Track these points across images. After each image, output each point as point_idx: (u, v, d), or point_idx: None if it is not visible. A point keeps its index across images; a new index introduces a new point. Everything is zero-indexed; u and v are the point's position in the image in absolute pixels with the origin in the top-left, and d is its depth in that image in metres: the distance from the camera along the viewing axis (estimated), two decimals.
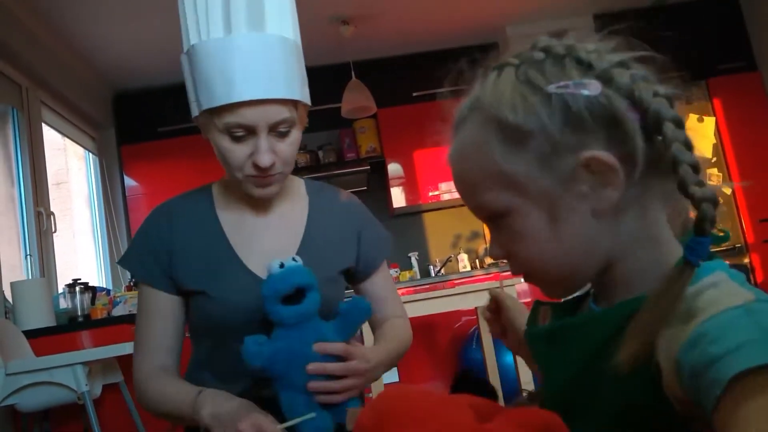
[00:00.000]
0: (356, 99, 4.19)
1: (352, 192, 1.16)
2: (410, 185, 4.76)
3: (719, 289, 0.49)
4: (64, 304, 3.04)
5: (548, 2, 4.45)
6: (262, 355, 0.96)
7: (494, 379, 2.76)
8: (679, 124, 0.50)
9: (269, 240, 1.15)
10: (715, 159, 4.46)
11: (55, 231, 3.58)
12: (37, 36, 3.56)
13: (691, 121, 4.49)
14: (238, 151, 1.03)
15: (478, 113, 0.58)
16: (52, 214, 3.58)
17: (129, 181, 4.66)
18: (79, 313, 2.95)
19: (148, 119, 4.67)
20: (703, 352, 0.44)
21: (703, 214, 0.47)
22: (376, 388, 2.28)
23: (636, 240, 0.56)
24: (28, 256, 3.31)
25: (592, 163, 0.52)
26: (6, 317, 2.64)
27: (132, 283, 3.56)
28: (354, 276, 1.26)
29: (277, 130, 1.03)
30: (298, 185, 1.24)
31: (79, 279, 3.03)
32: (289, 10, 1.07)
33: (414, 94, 4.77)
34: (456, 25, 4.58)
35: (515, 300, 0.89)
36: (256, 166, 1.03)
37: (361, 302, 1.07)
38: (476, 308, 3.08)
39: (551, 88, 0.53)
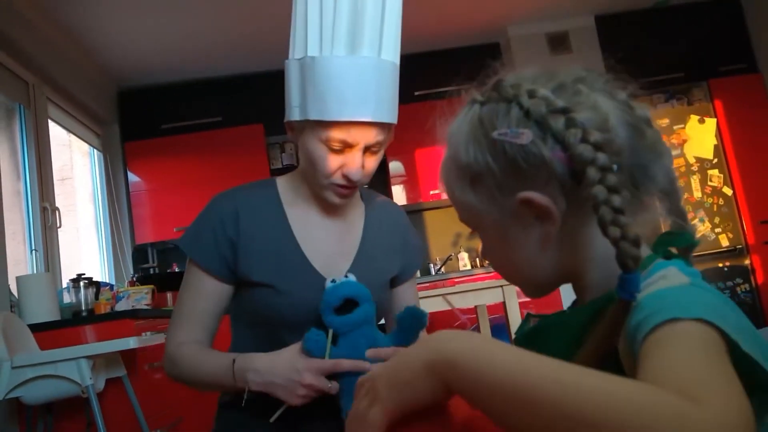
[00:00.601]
0: None
1: None
2: (411, 183, 4.79)
3: (665, 279, 0.54)
4: (68, 298, 3.07)
5: (550, 3, 4.46)
6: (320, 346, 1.03)
7: None
8: (603, 168, 0.53)
9: (332, 242, 1.20)
10: (716, 160, 4.47)
11: (60, 226, 3.62)
12: (44, 33, 3.59)
13: (692, 122, 4.50)
14: (331, 161, 1.08)
15: (449, 145, 0.65)
16: (57, 209, 3.62)
17: (132, 177, 4.69)
18: (83, 308, 2.99)
19: (152, 116, 4.70)
20: (633, 319, 0.50)
21: (622, 252, 0.51)
22: None
23: (589, 260, 0.62)
24: (34, 251, 3.35)
25: (527, 202, 0.59)
26: (11, 311, 2.67)
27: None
28: (391, 282, 1.29)
29: (371, 149, 1.10)
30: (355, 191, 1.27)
31: (84, 274, 3.06)
32: (399, 37, 1.11)
33: (416, 93, 4.79)
34: (458, 25, 4.59)
35: None
36: (345, 177, 1.10)
37: (416, 311, 1.10)
38: (476, 307, 3.11)
39: (495, 134, 0.59)
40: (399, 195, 4.78)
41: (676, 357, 0.43)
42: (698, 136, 4.50)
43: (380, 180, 4.89)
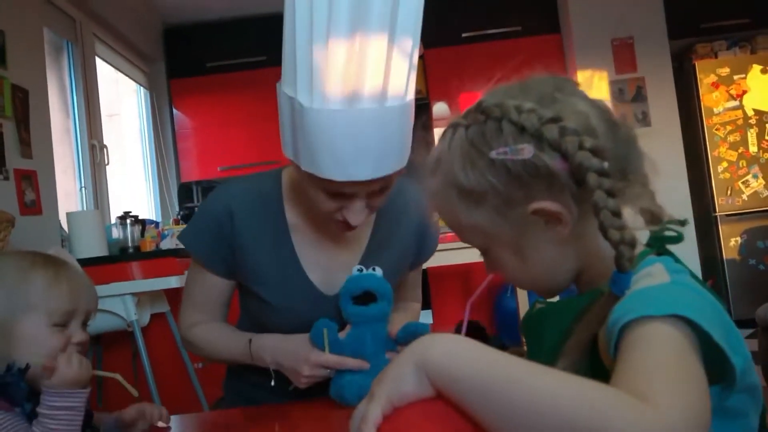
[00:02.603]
0: None
1: None
2: None
3: (650, 276, 0.57)
4: (115, 234, 3.18)
5: None
6: (327, 339, 1.05)
7: None
8: (602, 173, 0.56)
9: (333, 252, 1.14)
10: None
11: (108, 163, 3.72)
12: None
13: (754, 72, 4.26)
14: (330, 205, 0.98)
15: (440, 172, 0.66)
16: (106, 147, 3.71)
17: (178, 115, 4.76)
18: (130, 244, 3.09)
19: (197, 54, 4.71)
20: (614, 313, 0.53)
21: (620, 254, 0.55)
22: None
23: (593, 255, 0.65)
24: (83, 188, 3.46)
25: (540, 211, 0.61)
26: (62, 246, 2.79)
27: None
28: None
29: (375, 193, 0.98)
30: None
31: (130, 212, 3.16)
32: (414, 67, 0.92)
33: (463, 35, 4.67)
34: None
35: None
36: (344, 221, 0.99)
37: (417, 330, 1.08)
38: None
39: (492, 154, 0.60)
40: None
41: (641, 359, 0.47)
42: (759, 87, 4.27)
43: (423, 124, 4.83)
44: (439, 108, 4.72)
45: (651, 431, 0.41)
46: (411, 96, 0.93)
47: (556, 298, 0.72)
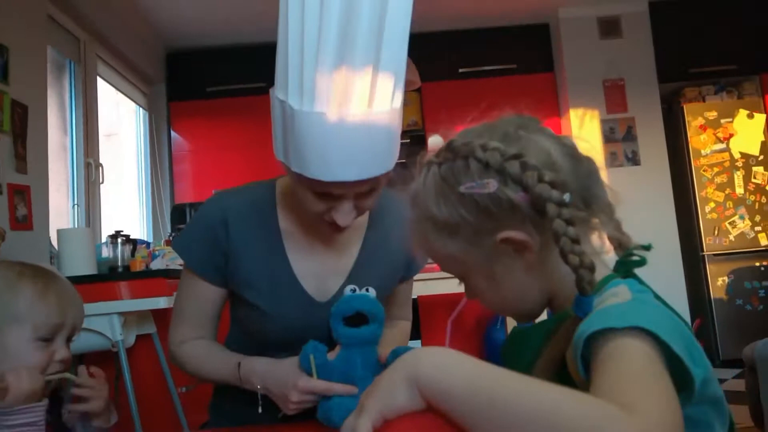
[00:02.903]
0: None
1: None
2: None
3: (615, 296, 0.62)
4: (105, 253, 3.18)
5: None
6: (315, 362, 1.04)
7: None
8: (560, 203, 0.61)
9: (326, 259, 1.15)
10: (762, 157, 4.34)
11: (102, 182, 3.74)
12: None
13: (741, 116, 4.36)
14: (319, 206, 1.00)
15: (416, 207, 0.72)
16: (101, 165, 3.73)
17: (176, 137, 4.80)
18: (119, 264, 3.10)
19: (198, 78, 4.78)
20: (579, 330, 0.57)
21: (580, 278, 0.59)
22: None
23: (560, 280, 0.68)
24: (75, 206, 3.48)
25: (507, 240, 0.66)
26: (51, 262, 2.80)
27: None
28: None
29: (364, 194, 1.00)
30: None
31: (122, 231, 3.17)
32: (402, 78, 0.95)
33: (460, 70, 4.76)
34: (509, 4, 4.50)
35: None
36: (332, 222, 1.02)
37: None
38: None
39: (462, 189, 0.66)
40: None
41: (616, 372, 0.51)
42: (746, 131, 4.36)
43: (418, 155, 4.88)
44: (434, 140, 4.77)
45: None
46: (398, 104, 0.96)
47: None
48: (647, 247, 0.67)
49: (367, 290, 1.11)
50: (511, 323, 2.97)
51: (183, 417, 2.60)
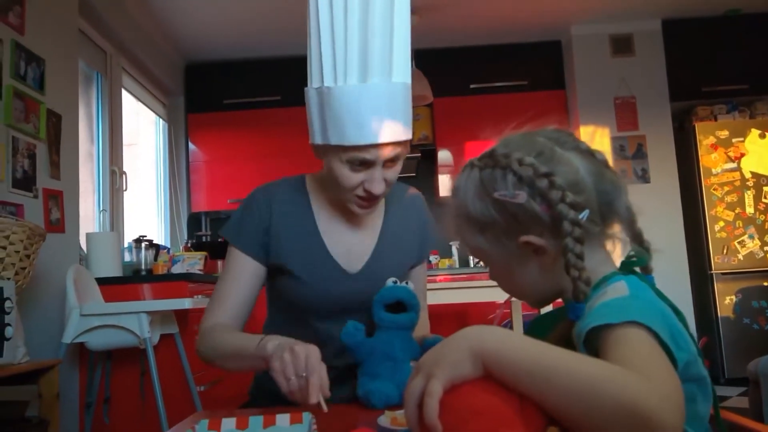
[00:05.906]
0: (414, 88, 4.28)
1: (400, 177, 1.28)
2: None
3: (614, 290, 0.72)
4: (129, 257, 3.29)
5: (617, 4, 4.40)
6: (356, 338, 1.17)
7: None
8: (574, 223, 0.72)
9: (353, 237, 1.32)
10: None
11: (126, 189, 3.85)
12: (124, 5, 3.80)
13: (752, 136, 4.43)
14: (354, 178, 1.18)
15: (456, 199, 0.84)
16: (125, 173, 3.85)
17: (193, 148, 4.90)
18: (143, 267, 3.20)
19: (216, 91, 4.89)
20: (582, 323, 0.68)
21: (577, 288, 0.71)
22: None
23: (569, 281, 0.77)
24: (102, 211, 3.59)
25: (528, 243, 0.77)
26: (80, 264, 2.90)
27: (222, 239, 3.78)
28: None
29: (389, 162, 1.19)
30: None
31: (145, 236, 3.27)
32: (410, 58, 1.19)
33: (471, 86, 4.85)
34: (521, 20, 4.59)
35: None
36: (367, 191, 1.19)
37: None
38: (510, 300, 3.19)
39: (496, 195, 0.77)
40: (445, 184, 4.86)
41: (630, 350, 0.62)
42: (757, 151, 4.42)
43: (428, 169, 4.98)
44: (444, 155, 4.87)
45: (654, 396, 0.55)
46: (408, 80, 1.18)
47: (549, 308, 0.90)
48: (647, 248, 0.78)
49: (406, 283, 1.23)
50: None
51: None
